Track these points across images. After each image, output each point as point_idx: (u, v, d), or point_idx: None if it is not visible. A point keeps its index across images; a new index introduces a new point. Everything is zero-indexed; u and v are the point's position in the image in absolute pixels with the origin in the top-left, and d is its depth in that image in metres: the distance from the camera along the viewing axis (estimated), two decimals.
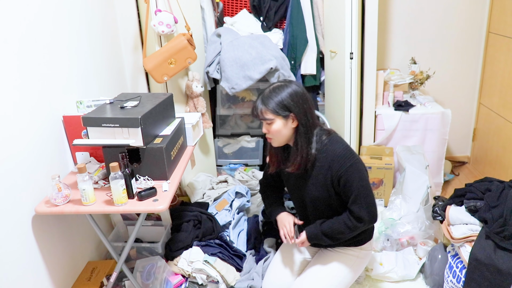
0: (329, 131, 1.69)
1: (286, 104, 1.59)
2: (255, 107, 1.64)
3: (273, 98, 1.59)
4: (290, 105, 1.59)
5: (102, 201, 1.65)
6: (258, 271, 2.08)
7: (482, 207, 1.86)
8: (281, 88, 1.61)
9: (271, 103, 1.59)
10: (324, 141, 1.65)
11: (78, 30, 2.04)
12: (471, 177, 3.13)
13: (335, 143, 1.64)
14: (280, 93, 1.59)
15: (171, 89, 2.62)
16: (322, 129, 1.69)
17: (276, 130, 1.62)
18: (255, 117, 1.66)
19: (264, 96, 1.62)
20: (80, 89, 2.03)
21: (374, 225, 1.87)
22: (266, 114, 1.61)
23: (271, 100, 1.59)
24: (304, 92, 1.63)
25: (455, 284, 1.87)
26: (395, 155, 2.81)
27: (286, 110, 1.59)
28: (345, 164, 1.60)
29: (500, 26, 2.85)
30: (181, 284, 2.09)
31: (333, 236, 1.69)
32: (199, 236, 2.24)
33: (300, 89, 1.62)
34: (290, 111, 1.59)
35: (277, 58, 2.61)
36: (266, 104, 1.60)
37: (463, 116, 3.28)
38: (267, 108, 1.60)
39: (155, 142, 1.77)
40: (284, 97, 1.59)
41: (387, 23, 3.05)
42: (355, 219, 1.64)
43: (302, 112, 1.61)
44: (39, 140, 1.69)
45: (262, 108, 1.61)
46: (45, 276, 1.72)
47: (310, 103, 1.64)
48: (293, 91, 1.60)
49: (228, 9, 3.04)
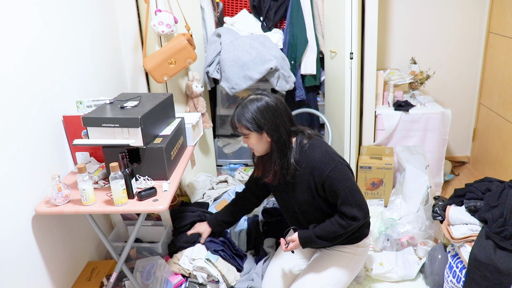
0: (310, 136, 1.68)
1: (256, 121, 1.59)
2: (231, 121, 1.66)
3: (245, 114, 1.59)
4: (260, 122, 1.59)
5: (102, 201, 1.65)
6: (258, 271, 2.08)
7: (482, 207, 1.86)
8: (252, 103, 1.60)
9: (243, 119, 1.60)
10: (305, 147, 1.65)
11: (78, 30, 2.04)
12: (471, 177, 3.13)
13: (314, 149, 1.64)
14: (251, 109, 1.59)
15: (171, 89, 2.62)
16: (304, 134, 1.68)
17: (253, 143, 1.65)
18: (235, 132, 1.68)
19: (238, 111, 1.62)
20: (80, 89, 2.03)
21: (372, 223, 1.88)
22: (240, 129, 1.63)
23: (243, 116, 1.60)
24: (276, 106, 1.61)
25: (455, 284, 1.87)
26: (395, 155, 2.81)
27: (257, 126, 1.59)
28: (326, 170, 1.59)
29: (500, 26, 2.85)
30: (181, 284, 2.09)
31: (329, 237, 1.68)
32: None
33: (273, 103, 1.61)
34: (261, 128, 1.59)
35: (277, 58, 2.61)
36: (239, 120, 1.61)
37: (463, 116, 3.28)
38: (240, 123, 1.61)
39: (155, 142, 1.77)
40: (255, 113, 1.58)
41: (387, 23, 3.05)
42: (349, 219, 1.63)
43: (273, 128, 1.60)
44: (39, 140, 1.69)
45: (236, 123, 1.63)
46: (45, 276, 1.72)
47: (284, 116, 1.63)
48: (264, 106, 1.59)
49: (228, 9, 3.04)
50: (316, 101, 3.17)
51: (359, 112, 2.82)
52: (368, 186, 2.79)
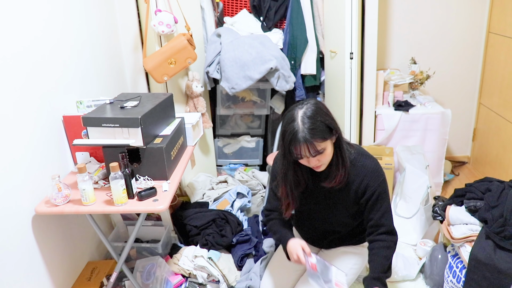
0: (349, 143, 1.62)
1: (327, 124, 1.43)
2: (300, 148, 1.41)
3: (315, 127, 1.40)
4: (329, 123, 1.44)
5: (102, 201, 1.65)
6: (256, 271, 2.08)
7: (482, 207, 1.86)
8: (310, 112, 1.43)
9: (316, 132, 1.40)
10: (353, 155, 1.57)
11: (78, 30, 2.04)
12: (471, 177, 3.13)
13: (366, 157, 1.59)
14: (315, 117, 1.42)
15: (171, 89, 2.62)
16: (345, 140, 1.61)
17: (328, 154, 1.47)
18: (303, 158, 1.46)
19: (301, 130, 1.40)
20: (80, 89, 2.03)
21: None
22: (318, 146, 1.42)
23: (313, 129, 1.40)
24: (323, 103, 1.54)
25: (455, 284, 1.87)
26: (395, 155, 2.81)
27: (329, 130, 1.44)
28: (379, 179, 1.56)
29: (500, 26, 2.85)
30: (181, 284, 2.09)
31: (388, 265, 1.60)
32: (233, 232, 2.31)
33: (320, 102, 1.52)
34: (331, 130, 1.45)
35: (277, 58, 2.61)
36: (313, 135, 1.39)
37: (463, 116, 3.28)
38: (315, 139, 1.40)
39: (155, 142, 1.77)
40: (321, 118, 1.43)
41: (387, 23, 3.05)
42: (388, 233, 1.59)
43: (337, 126, 1.49)
44: (39, 140, 1.69)
45: (311, 142, 1.40)
46: (45, 276, 1.72)
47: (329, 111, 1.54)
48: (321, 107, 1.46)
49: (228, 9, 3.04)
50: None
51: (359, 112, 2.82)
52: None
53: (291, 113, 1.45)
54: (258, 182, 2.98)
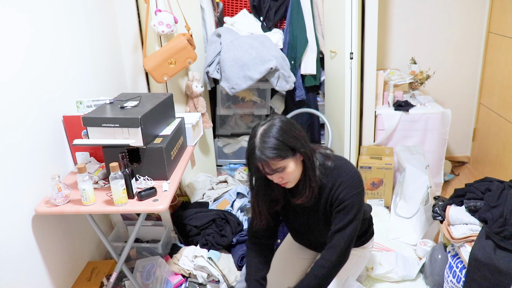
0: (328, 156, 1.57)
1: (286, 143, 1.41)
2: (257, 166, 1.42)
3: (270, 145, 1.39)
4: (290, 142, 1.41)
5: (102, 201, 1.65)
6: None
7: (482, 207, 1.86)
8: (269, 131, 1.41)
9: (270, 152, 1.38)
10: (329, 169, 1.54)
11: (78, 30, 2.04)
12: (471, 177, 3.13)
13: (342, 171, 1.53)
14: (273, 135, 1.40)
15: (171, 89, 2.62)
16: (320, 153, 1.57)
17: (291, 172, 1.45)
18: (264, 174, 1.45)
19: (258, 148, 1.39)
20: (80, 89, 2.03)
21: (374, 222, 1.88)
22: (275, 165, 1.41)
23: (269, 148, 1.39)
24: (291, 122, 1.48)
25: (455, 284, 1.87)
26: (395, 155, 2.81)
27: (290, 149, 1.42)
28: (352, 192, 1.50)
29: (500, 26, 2.85)
30: (181, 284, 2.09)
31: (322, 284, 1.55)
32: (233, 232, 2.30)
33: (285, 120, 1.46)
34: (293, 149, 1.42)
35: (277, 58, 2.61)
36: (267, 155, 1.38)
37: (463, 116, 3.28)
38: (270, 158, 1.39)
39: (155, 142, 1.77)
40: (279, 137, 1.40)
41: (387, 23, 3.05)
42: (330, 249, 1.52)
43: (302, 144, 1.46)
44: (39, 140, 1.69)
45: (265, 161, 1.39)
46: (45, 276, 1.72)
47: (299, 127, 1.50)
48: (282, 126, 1.42)
49: (228, 9, 3.04)
50: (316, 101, 3.17)
51: (359, 112, 2.82)
52: (368, 186, 2.79)
53: (254, 129, 1.44)
54: None
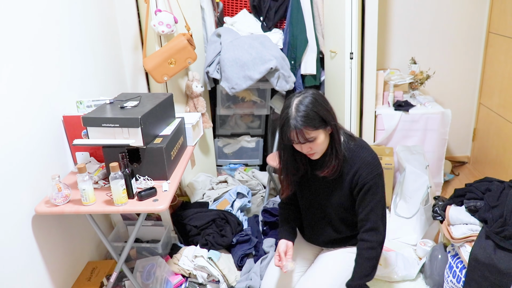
0: (352, 136, 1.65)
1: (320, 114, 1.48)
2: (291, 134, 1.47)
3: (306, 115, 1.45)
4: (323, 114, 1.49)
5: (102, 201, 1.65)
6: (256, 271, 2.09)
7: (482, 207, 1.86)
8: (303, 101, 1.48)
9: (307, 121, 1.45)
10: (352, 147, 1.60)
11: (78, 30, 2.04)
12: (471, 177, 3.13)
13: (364, 150, 1.60)
14: (307, 106, 1.47)
15: (171, 89, 2.62)
16: (345, 133, 1.64)
17: (320, 143, 1.51)
18: (295, 143, 1.51)
19: (294, 117, 1.46)
20: (80, 89, 2.03)
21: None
22: (308, 134, 1.47)
23: (305, 117, 1.45)
24: (322, 96, 1.56)
25: (455, 284, 1.87)
26: (395, 155, 2.81)
27: (322, 120, 1.48)
28: (373, 172, 1.56)
29: (500, 26, 2.85)
30: (181, 284, 2.09)
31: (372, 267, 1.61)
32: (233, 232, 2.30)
33: (318, 93, 1.54)
34: (325, 121, 1.49)
35: (277, 58, 2.61)
36: (302, 123, 1.45)
37: (463, 116, 3.28)
38: (306, 127, 1.45)
39: (155, 142, 1.77)
40: (313, 108, 1.47)
41: (387, 23, 3.05)
42: (372, 231, 1.60)
43: (332, 117, 1.53)
44: (39, 140, 1.69)
45: (301, 129, 1.45)
46: (45, 276, 1.72)
47: (330, 104, 1.57)
48: (315, 98, 1.50)
49: (228, 9, 3.04)
50: None
51: (359, 112, 2.82)
52: None
53: (288, 100, 1.52)
54: (258, 182, 2.98)
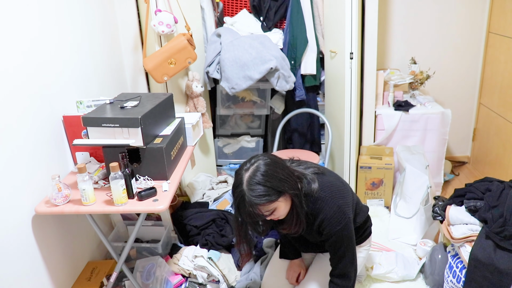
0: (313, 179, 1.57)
1: (274, 188, 1.41)
2: (250, 213, 1.42)
3: (260, 192, 1.40)
4: (277, 186, 1.42)
5: (102, 201, 1.65)
6: (256, 271, 2.09)
7: (482, 207, 1.86)
8: (255, 176, 1.41)
9: (260, 199, 1.40)
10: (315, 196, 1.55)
11: (78, 30, 2.04)
12: (471, 177, 3.13)
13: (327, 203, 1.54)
14: (260, 182, 1.40)
15: (171, 89, 2.62)
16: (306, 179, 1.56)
17: (282, 209, 1.48)
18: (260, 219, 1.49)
19: (248, 196, 1.40)
20: (80, 89, 2.03)
21: (373, 222, 1.88)
22: (265, 208, 1.43)
23: (259, 196, 1.39)
24: (275, 161, 1.47)
25: (455, 284, 1.87)
26: (395, 155, 2.81)
27: (278, 192, 1.43)
28: (336, 227, 1.54)
29: (500, 26, 2.85)
30: (181, 284, 2.09)
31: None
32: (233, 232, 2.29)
33: (269, 160, 1.46)
34: (280, 191, 1.43)
35: (277, 58, 2.61)
36: (257, 203, 1.40)
37: (463, 116, 3.28)
38: (261, 204, 1.40)
39: (155, 142, 1.77)
40: (268, 183, 1.40)
41: (387, 23, 3.05)
42: (341, 277, 1.62)
43: (290, 184, 1.46)
44: (39, 140, 1.69)
45: (256, 208, 1.41)
46: (45, 276, 1.72)
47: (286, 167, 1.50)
48: (266, 169, 1.42)
49: (228, 9, 3.04)
50: (316, 101, 3.17)
51: (359, 112, 2.82)
52: (368, 186, 2.79)
53: (239, 176, 1.44)
54: None
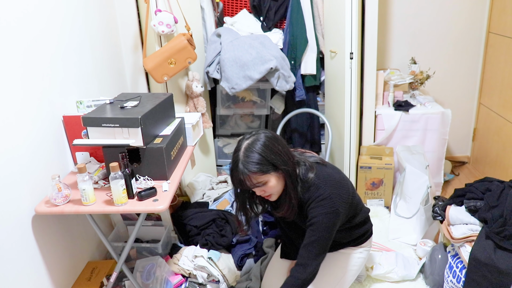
0: (312, 166, 1.58)
1: (269, 160, 1.44)
2: (240, 179, 1.46)
3: (253, 160, 1.43)
4: (272, 158, 1.45)
5: (102, 201, 1.65)
6: (256, 271, 2.08)
7: (482, 207, 1.86)
8: (253, 145, 1.45)
9: (252, 166, 1.43)
10: (309, 183, 1.55)
11: (78, 30, 2.04)
12: (471, 177, 3.13)
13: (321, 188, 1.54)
14: (256, 151, 1.44)
15: (171, 89, 2.62)
16: (305, 165, 1.57)
17: (272, 186, 1.50)
18: (245, 188, 1.50)
19: (242, 162, 1.44)
20: (80, 89, 2.03)
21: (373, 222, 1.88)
22: (256, 179, 1.46)
23: (251, 163, 1.43)
24: (276, 137, 1.51)
25: (455, 284, 1.87)
26: (395, 155, 2.81)
27: (272, 165, 1.45)
28: (322, 210, 1.52)
29: (500, 26, 2.85)
30: (181, 284, 2.09)
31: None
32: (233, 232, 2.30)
33: (270, 134, 1.49)
34: (275, 165, 1.46)
35: (277, 58, 2.61)
36: (249, 169, 1.43)
37: (463, 116, 3.28)
38: (252, 172, 1.44)
39: (155, 142, 1.77)
40: (262, 152, 1.44)
41: (387, 23, 3.05)
42: (298, 265, 1.56)
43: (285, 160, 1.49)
44: (39, 140, 1.69)
45: (247, 175, 1.44)
46: (45, 276, 1.72)
47: (286, 146, 1.52)
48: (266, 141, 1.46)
49: (228, 9, 3.04)
50: (316, 101, 3.17)
51: (359, 112, 2.82)
52: (368, 186, 2.79)
53: (239, 142, 1.49)
54: None
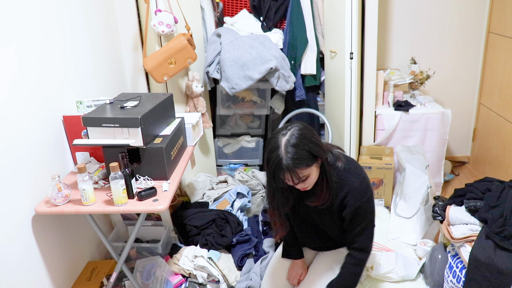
0: (338, 156, 1.59)
1: (311, 152, 1.43)
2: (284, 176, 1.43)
3: (298, 155, 1.40)
4: (313, 149, 1.43)
5: (102, 201, 1.65)
6: (256, 271, 2.09)
7: (482, 207, 1.86)
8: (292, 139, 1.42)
9: (299, 161, 1.40)
10: (340, 169, 1.57)
11: (78, 30, 2.04)
12: (471, 177, 3.13)
13: (352, 174, 1.56)
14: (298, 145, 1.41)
15: (171, 89, 2.62)
16: (332, 154, 1.59)
17: (314, 178, 1.49)
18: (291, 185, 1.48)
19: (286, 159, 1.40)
20: (80, 89, 2.03)
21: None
22: (301, 173, 1.43)
23: (296, 158, 1.40)
24: (309, 128, 1.50)
25: (455, 284, 1.87)
26: (395, 155, 2.81)
27: (313, 157, 1.44)
28: (361, 199, 1.55)
29: (500, 26, 2.85)
30: (181, 284, 2.09)
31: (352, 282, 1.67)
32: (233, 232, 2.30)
33: (303, 126, 1.48)
34: (315, 156, 1.45)
35: (277, 58, 2.61)
36: (296, 165, 1.40)
37: (463, 116, 3.28)
38: (298, 168, 1.41)
39: (155, 142, 1.77)
40: (305, 146, 1.42)
41: (387, 23, 3.05)
42: (359, 250, 1.63)
43: (322, 150, 1.48)
44: (39, 140, 1.69)
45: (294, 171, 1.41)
46: (45, 276, 1.72)
47: (315, 132, 1.51)
48: (303, 134, 1.44)
49: (228, 9, 3.04)
50: (316, 101, 3.17)
51: (359, 112, 2.82)
52: None
53: (275, 140, 1.44)
54: (258, 182, 2.98)
